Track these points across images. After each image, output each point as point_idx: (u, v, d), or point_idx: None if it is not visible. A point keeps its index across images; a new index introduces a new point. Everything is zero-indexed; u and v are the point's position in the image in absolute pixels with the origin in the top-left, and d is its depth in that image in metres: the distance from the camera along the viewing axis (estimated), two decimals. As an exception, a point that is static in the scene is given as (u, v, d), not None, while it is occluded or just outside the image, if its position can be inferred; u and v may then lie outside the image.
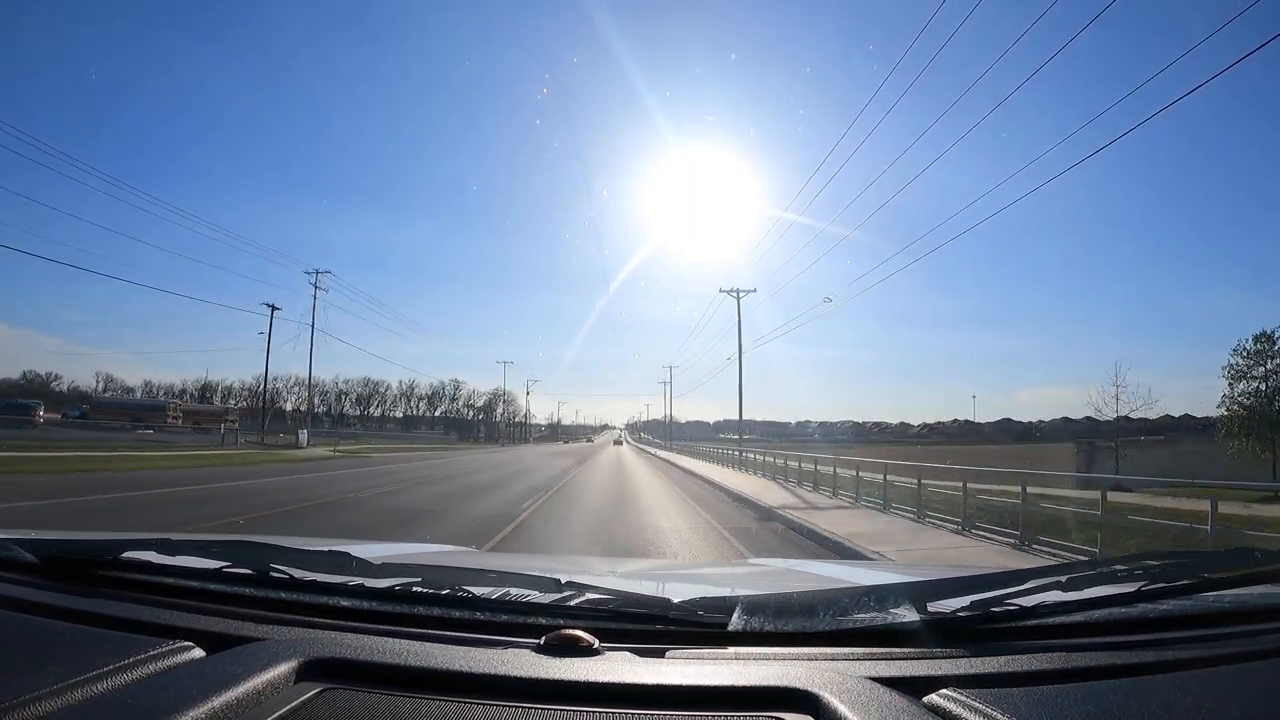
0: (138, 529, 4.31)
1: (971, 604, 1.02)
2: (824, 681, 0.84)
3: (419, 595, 1.10)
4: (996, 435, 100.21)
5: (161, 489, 12.80)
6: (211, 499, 11.69)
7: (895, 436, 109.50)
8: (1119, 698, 0.83)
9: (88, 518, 8.92)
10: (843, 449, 37.65)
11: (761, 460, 23.01)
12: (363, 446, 44.91)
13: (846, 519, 11.07)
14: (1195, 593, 1.10)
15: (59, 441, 25.98)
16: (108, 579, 1.20)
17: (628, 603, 1.08)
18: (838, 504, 13.59)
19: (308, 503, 11.92)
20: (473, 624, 1.04)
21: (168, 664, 0.90)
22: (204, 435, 43.76)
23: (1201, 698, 0.83)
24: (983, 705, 0.80)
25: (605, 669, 0.90)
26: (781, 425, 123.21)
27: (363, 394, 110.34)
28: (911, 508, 11.16)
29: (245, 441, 38.10)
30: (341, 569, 1.20)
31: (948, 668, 0.92)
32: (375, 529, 9.05)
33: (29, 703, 0.77)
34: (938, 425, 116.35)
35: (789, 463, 19.57)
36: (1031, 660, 0.93)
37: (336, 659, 0.90)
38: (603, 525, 10.35)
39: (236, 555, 1.23)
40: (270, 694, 0.82)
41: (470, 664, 0.89)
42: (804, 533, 9.83)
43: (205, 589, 1.15)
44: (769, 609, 1.02)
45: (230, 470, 19.09)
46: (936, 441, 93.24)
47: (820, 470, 16.60)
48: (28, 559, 1.24)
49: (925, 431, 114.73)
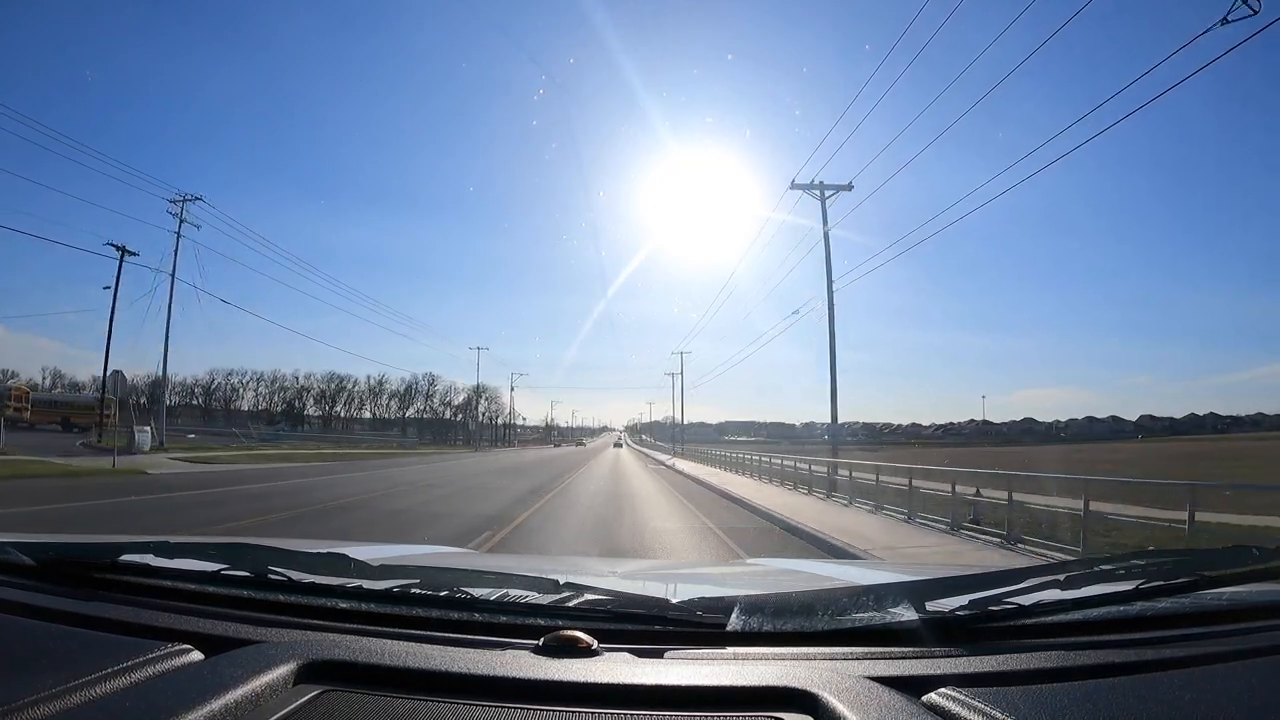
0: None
1: (970, 603, 1.02)
2: (823, 681, 0.84)
3: (417, 597, 1.10)
4: (1019, 436, 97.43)
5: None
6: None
7: (910, 437, 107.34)
8: (1117, 696, 0.83)
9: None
10: (870, 452, 35.29)
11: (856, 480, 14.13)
12: (260, 452, 32.79)
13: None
14: (1192, 591, 1.11)
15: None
16: (105, 582, 1.20)
17: (626, 603, 1.08)
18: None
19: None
20: (471, 625, 1.04)
21: (166, 667, 0.90)
22: (43, 435, 30.96)
23: (1200, 696, 0.83)
24: (981, 704, 0.80)
25: (604, 670, 0.90)
26: (788, 427, 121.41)
27: (325, 390, 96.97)
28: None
29: (81, 444, 27.58)
30: (339, 571, 1.20)
31: (946, 667, 0.92)
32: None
33: (27, 706, 0.76)
34: (951, 426, 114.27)
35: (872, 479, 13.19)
36: (1030, 659, 0.94)
37: (335, 661, 0.90)
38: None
39: (234, 558, 1.23)
40: (269, 696, 0.82)
41: (469, 665, 0.89)
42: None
43: (203, 591, 1.15)
44: (767, 609, 1.02)
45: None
46: (959, 442, 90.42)
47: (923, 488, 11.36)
48: (25, 562, 1.24)
49: (940, 433, 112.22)
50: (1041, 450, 56.42)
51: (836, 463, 16.24)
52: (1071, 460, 30.72)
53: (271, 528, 9.47)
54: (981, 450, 61.74)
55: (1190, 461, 33.27)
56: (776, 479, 20.01)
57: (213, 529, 8.67)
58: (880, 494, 12.61)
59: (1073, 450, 52.70)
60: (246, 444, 40.19)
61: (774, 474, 20.68)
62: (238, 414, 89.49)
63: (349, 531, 9.18)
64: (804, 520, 10.87)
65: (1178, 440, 50.01)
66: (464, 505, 13.25)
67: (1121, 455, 43.53)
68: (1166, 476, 13.05)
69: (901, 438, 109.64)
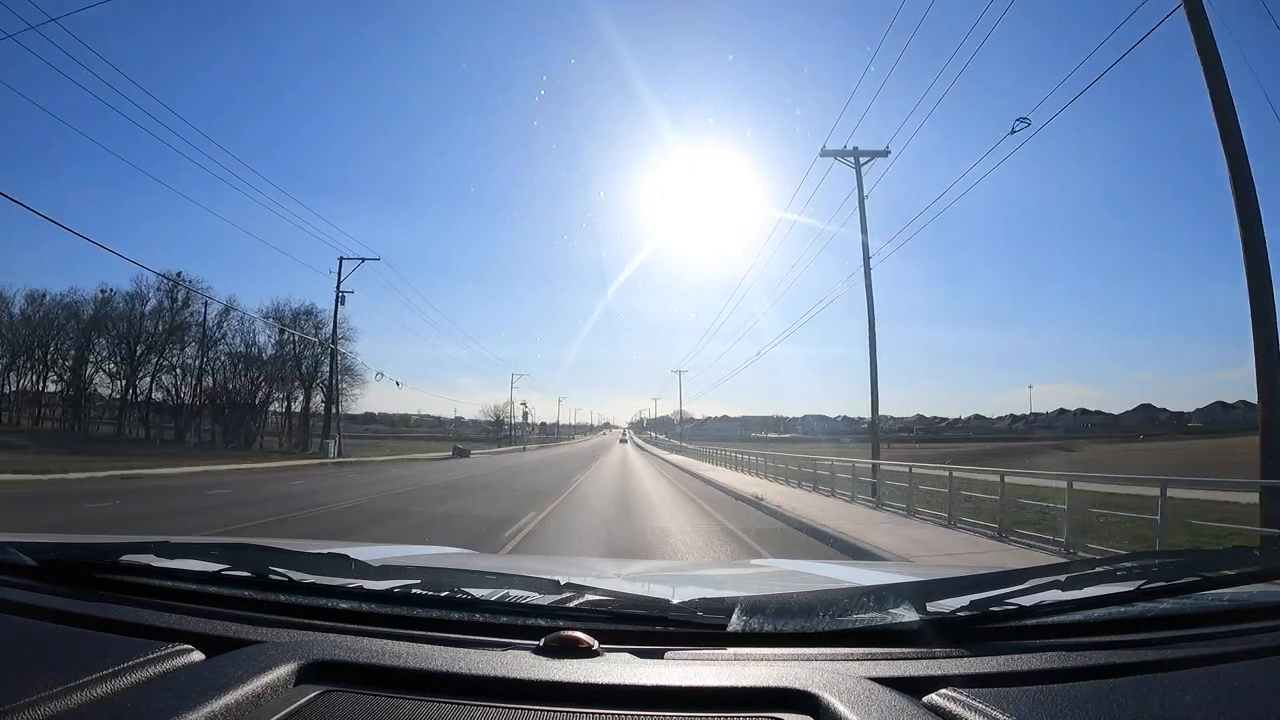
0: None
1: (971, 604, 1.02)
2: (823, 682, 0.84)
3: (418, 597, 1.10)
4: (1140, 425, 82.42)
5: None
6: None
7: (976, 432, 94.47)
8: (1119, 697, 0.83)
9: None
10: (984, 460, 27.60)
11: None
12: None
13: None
14: (1194, 591, 1.10)
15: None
16: (106, 582, 1.20)
17: (627, 604, 1.08)
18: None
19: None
20: (472, 626, 1.04)
21: (167, 667, 0.90)
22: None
23: (1201, 696, 0.83)
24: (983, 705, 0.80)
25: (605, 670, 0.90)
26: (831, 421, 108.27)
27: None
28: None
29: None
30: (340, 571, 1.20)
31: (947, 667, 0.92)
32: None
33: (28, 706, 0.76)
34: (1030, 417, 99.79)
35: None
36: (1031, 660, 0.93)
37: (336, 661, 0.90)
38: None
39: (235, 558, 1.23)
40: (270, 696, 0.82)
41: (470, 665, 0.89)
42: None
43: (204, 592, 1.15)
44: (768, 610, 1.02)
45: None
46: (1053, 436, 77.76)
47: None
48: (26, 562, 1.24)
49: (1021, 425, 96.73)
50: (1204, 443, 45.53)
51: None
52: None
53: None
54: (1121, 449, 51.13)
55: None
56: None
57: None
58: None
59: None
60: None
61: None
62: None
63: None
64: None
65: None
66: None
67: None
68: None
69: (962, 433, 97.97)
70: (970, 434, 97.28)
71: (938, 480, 11.38)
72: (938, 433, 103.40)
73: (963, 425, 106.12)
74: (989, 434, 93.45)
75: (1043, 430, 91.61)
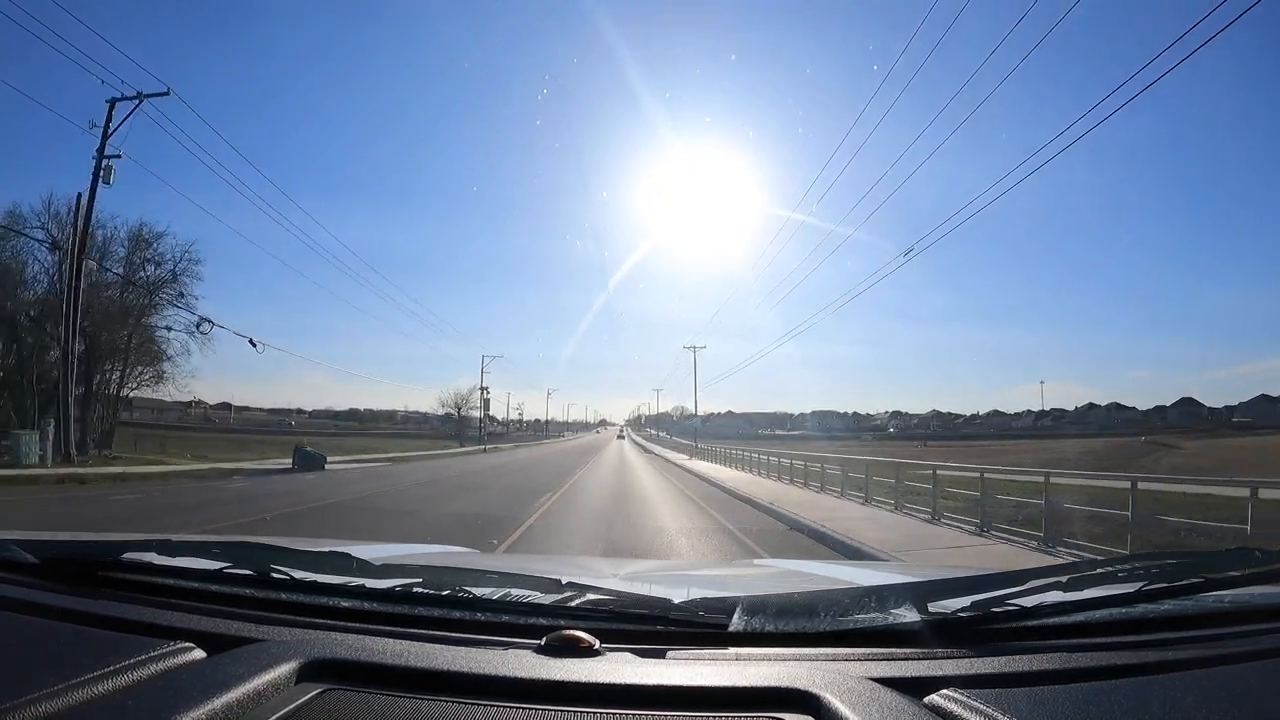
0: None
1: (972, 604, 1.02)
2: (825, 682, 0.84)
3: (420, 596, 1.10)
4: (1181, 421, 76.14)
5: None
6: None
7: (998, 430, 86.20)
8: (1120, 698, 0.83)
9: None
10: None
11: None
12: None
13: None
14: (1196, 593, 1.10)
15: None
16: (108, 580, 1.20)
17: (628, 603, 1.09)
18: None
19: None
20: (474, 625, 1.04)
21: (168, 665, 0.90)
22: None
23: (1203, 698, 0.83)
24: (984, 705, 0.80)
25: (606, 669, 0.90)
26: (843, 417, 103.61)
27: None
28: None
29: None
30: (342, 570, 1.20)
31: (949, 668, 0.92)
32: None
33: (29, 704, 0.76)
34: (1063, 412, 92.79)
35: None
36: (1032, 661, 0.93)
37: (337, 660, 0.90)
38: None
39: (237, 556, 1.23)
40: (271, 695, 0.82)
41: (471, 664, 0.89)
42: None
43: (206, 590, 1.15)
44: (770, 609, 1.02)
45: None
46: (1079, 433, 70.20)
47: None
48: (28, 560, 1.24)
49: (1050, 421, 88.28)
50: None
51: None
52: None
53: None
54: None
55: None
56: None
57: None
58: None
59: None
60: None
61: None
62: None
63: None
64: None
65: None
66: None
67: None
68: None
69: (982, 429, 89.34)
70: (991, 430, 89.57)
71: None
72: (956, 430, 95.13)
73: (981, 421, 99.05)
74: (1013, 431, 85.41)
75: (1071, 426, 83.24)
